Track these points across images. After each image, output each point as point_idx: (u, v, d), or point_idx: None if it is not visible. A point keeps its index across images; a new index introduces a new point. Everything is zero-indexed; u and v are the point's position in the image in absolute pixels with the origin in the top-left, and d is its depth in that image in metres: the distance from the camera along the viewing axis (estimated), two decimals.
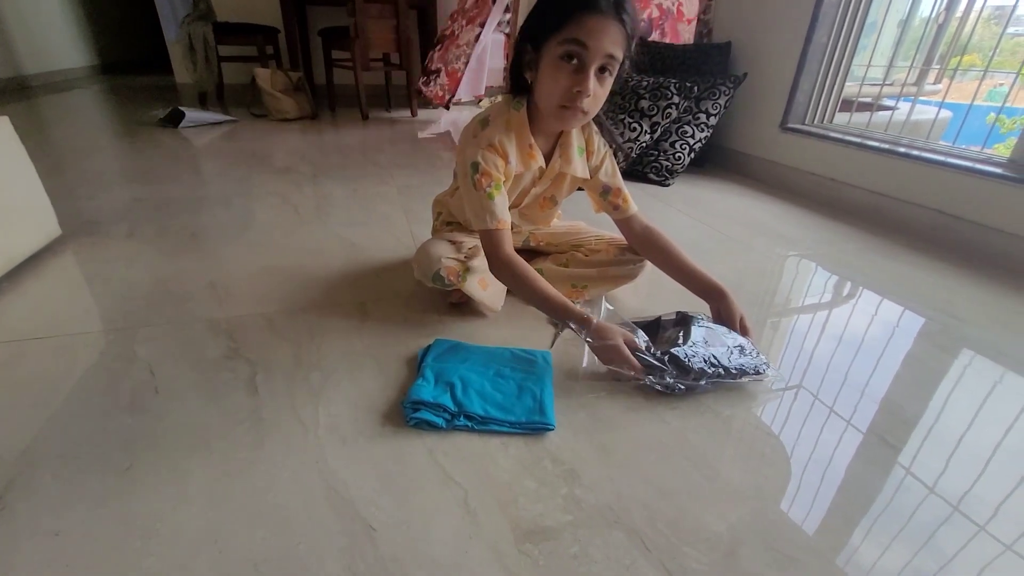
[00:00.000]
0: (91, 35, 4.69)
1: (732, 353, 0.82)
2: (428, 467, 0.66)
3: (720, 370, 0.80)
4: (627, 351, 0.80)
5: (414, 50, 3.12)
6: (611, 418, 0.76)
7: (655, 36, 2.51)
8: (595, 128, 0.97)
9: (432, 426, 0.72)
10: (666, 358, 0.80)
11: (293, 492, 0.62)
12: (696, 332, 0.85)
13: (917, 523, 0.62)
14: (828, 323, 1.08)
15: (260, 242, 1.33)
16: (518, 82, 0.87)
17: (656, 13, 2.51)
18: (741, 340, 0.86)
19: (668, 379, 0.78)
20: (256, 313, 1.00)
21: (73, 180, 1.76)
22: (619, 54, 0.78)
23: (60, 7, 4.23)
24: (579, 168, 0.95)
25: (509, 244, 0.89)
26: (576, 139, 0.95)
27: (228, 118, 2.85)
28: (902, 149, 1.63)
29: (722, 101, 2.00)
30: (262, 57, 3.13)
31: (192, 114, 2.69)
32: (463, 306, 1.04)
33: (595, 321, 0.82)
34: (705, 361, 0.80)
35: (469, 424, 0.72)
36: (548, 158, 0.94)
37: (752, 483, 0.66)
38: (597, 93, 0.81)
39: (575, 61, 0.78)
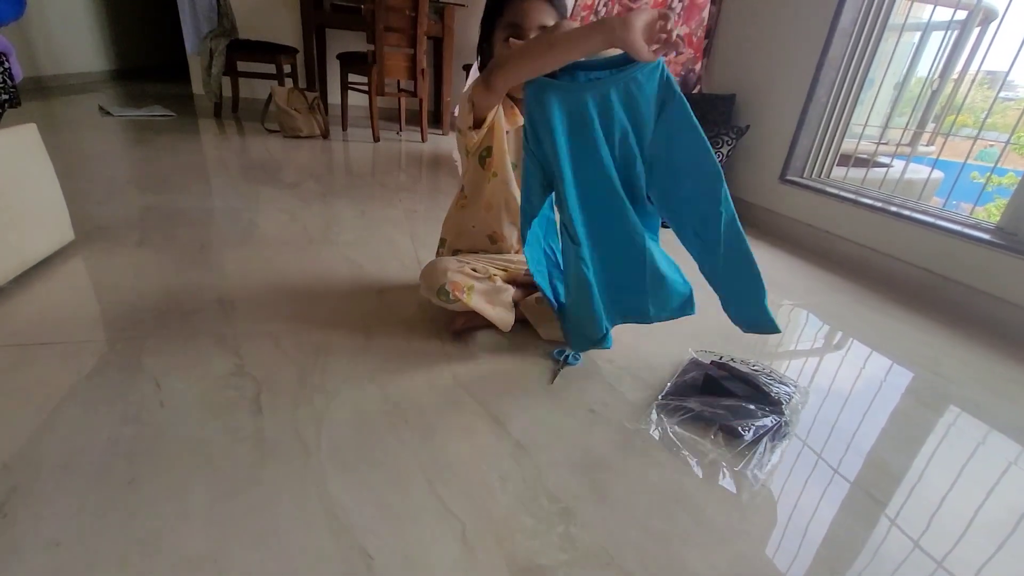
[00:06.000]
0: (111, 40, 4.78)
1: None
2: (427, 498, 0.67)
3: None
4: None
5: (427, 79, 3.21)
6: (605, 458, 0.78)
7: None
8: None
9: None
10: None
11: (293, 515, 0.63)
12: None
13: None
14: (817, 373, 1.10)
15: (269, 258, 1.36)
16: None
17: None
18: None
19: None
20: (262, 331, 1.01)
21: (84, 184, 1.79)
22: (550, 22, 0.92)
23: (83, 10, 4.33)
24: None
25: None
26: None
27: (165, 113, 3.18)
28: (894, 208, 1.69)
29: (724, 150, 2.07)
30: (280, 75, 3.21)
31: (121, 110, 3.11)
32: (466, 337, 1.06)
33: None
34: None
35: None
36: None
37: (740, 529, 0.68)
38: None
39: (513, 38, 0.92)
